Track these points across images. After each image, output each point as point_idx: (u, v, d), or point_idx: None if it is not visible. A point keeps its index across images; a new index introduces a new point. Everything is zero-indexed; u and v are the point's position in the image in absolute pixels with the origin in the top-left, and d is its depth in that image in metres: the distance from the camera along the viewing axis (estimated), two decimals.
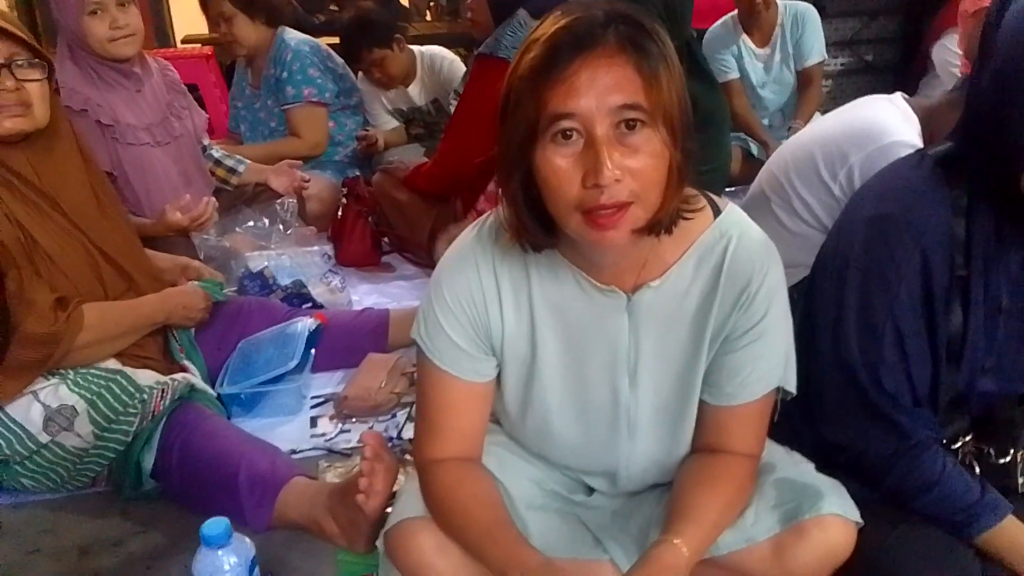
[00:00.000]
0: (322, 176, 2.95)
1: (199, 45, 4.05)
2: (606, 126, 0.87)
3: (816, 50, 3.24)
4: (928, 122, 1.58)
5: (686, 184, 0.95)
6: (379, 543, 1.10)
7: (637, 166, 0.88)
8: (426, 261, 2.56)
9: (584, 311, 1.04)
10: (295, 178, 2.66)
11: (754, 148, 3.23)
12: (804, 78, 3.27)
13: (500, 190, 0.97)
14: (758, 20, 3.19)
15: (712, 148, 2.21)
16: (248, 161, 2.67)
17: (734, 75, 3.26)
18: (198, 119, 2.49)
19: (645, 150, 0.88)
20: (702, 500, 1.00)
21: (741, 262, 1.01)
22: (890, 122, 1.59)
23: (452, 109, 2.64)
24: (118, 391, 1.56)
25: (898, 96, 1.67)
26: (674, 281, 1.02)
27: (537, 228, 0.96)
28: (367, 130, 3.16)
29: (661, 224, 0.95)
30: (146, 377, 1.61)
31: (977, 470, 1.16)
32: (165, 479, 1.57)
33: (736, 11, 3.26)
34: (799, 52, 3.23)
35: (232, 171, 2.62)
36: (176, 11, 4.51)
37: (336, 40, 3.27)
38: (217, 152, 2.63)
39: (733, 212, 1.05)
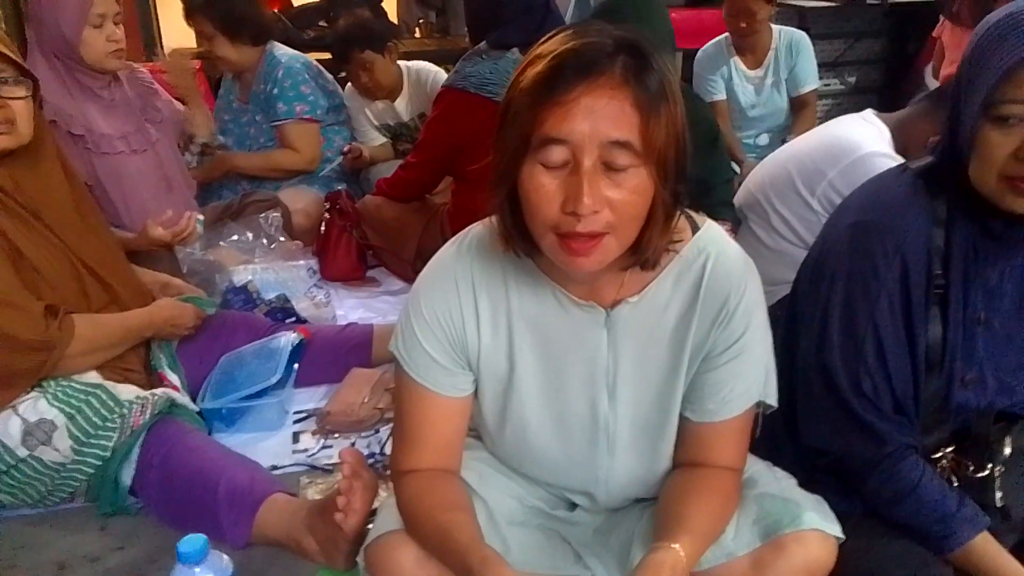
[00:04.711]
0: (309, 191, 2.95)
1: None
2: (594, 157, 0.87)
3: (811, 77, 3.27)
4: (899, 132, 1.62)
5: (673, 223, 0.96)
6: (359, 559, 1.09)
7: (618, 199, 0.89)
8: (412, 277, 2.57)
9: (563, 326, 1.05)
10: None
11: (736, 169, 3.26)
12: (799, 103, 3.30)
13: (490, 196, 0.98)
14: (750, 42, 3.21)
15: (724, 161, 2.28)
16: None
17: (720, 96, 3.29)
18: (175, 112, 2.46)
19: (629, 185, 0.89)
20: (692, 510, 1.00)
21: (719, 279, 1.02)
22: (861, 135, 1.63)
23: None
24: (97, 405, 1.55)
25: (868, 112, 1.71)
26: (652, 297, 1.03)
27: (520, 238, 0.97)
28: (351, 144, 3.16)
29: (646, 260, 0.96)
30: (126, 392, 1.60)
31: (956, 483, 1.17)
32: (144, 495, 1.55)
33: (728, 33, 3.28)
34: (794, 79, 3.25)
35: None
36: (165, 24, 4.51)
37: (326, 56, 3.28)
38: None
39: (711, 229, 1.06)
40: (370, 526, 1.14)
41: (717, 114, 3.23)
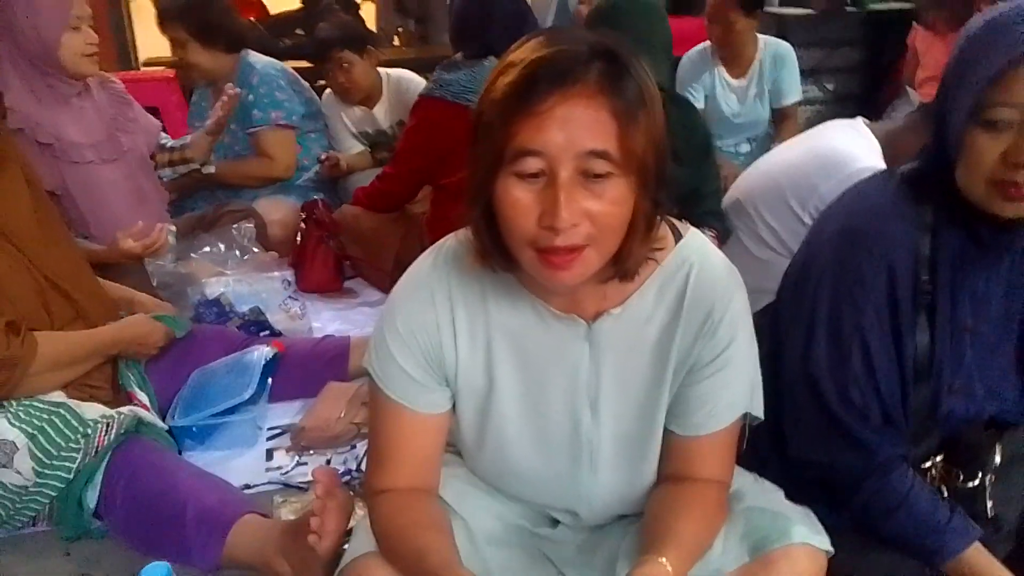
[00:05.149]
0: (286, 201, 2.90)
1: (162, 68, 4.00)
2: (571, 169, 0.84)
3: (794, 90, 3.25)
4: (889, 145, 1.60)
5: (654, 232, 0.93)
6: None
7: (597, 210, 0.85)
8: (391, 288, 2.53)
9: (543, 340, 1.01)
10: None
11: None
12: (780, 115, 3.28)
13: (466, 212, 0.94)
14: (732, 51, 3.18)
15: (714, 170, 2.25)
16: (188, 137, 2.60)
17: (698, 106, 3.27)
18: (150, 125, 2.44)
19: (608, 196, 0.85)
20: (678, 524, 0.97)
21: (703, 290, 0.99)
22: (854, 149, 1.60)
23: None
24: (61, 425, 1.49)
25: (859, 121, 1.69)
26: (635, 309, 1.00)
27: (498, 254, 0.94)
28: (328, 153, 3.12)
29: (626, 272, 0.93)
30: (91, 410, 1.54)
31: (945, 494, 1.15)
32: (110, 518, 1.50)
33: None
34: (777, 91, 3.22)
35: (184, 147, 2.55)
36: (139, 34, 4.45)
37: (303, 64, 3.24)
38: (169, 141, 2.56)
39: (695, 238, 1.03)
40: (345, 547, 1.10)
41: None
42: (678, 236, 1.02)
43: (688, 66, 3.29)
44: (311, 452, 1.80)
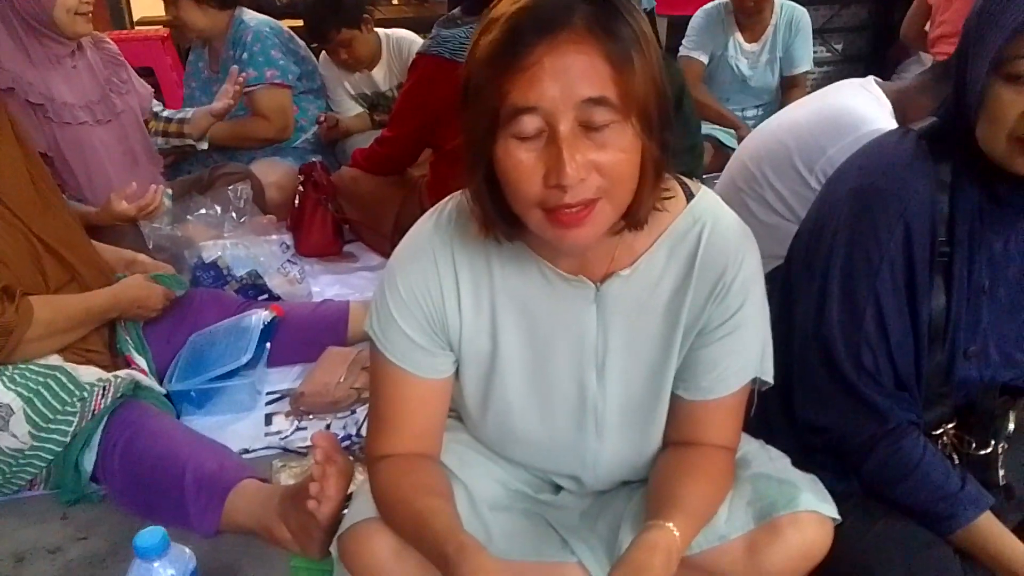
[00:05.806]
0: (283, 163, 2.86)
1: (156, 27, 3.92)
2: (570, 121, 0.80)
3: (806, 59, 3.19)
4: (900, 105, 1.55)
5: (664, 176, 0.89)
6: (333, 548, 1.04)
7: (605, 161, 0.81)
8: (391, 252, 2.51)
9: (549, 303, 0.98)
10: None
11: (724, 138, 3.17)
12: (789, 83, 3.22)
13: (466, 181, 0.91)
14: (756, 17, 3.11)
15: (690, 124, 2.17)
16: (191, 110, 2.57)
17: (697, 56, 3.19)
18: (142, 91, 2.41)
19: (615, 145, 0.81)
20: (685, 490, 0.95)
21: (715, 250, 0.95)
22: (865, 110, 1.55)
23: None
24: (57, 388, 1.48)
25: (870, 80, 1.63)
26: (645, 270, 0.97)
27: (502, 221, 0.90)
28: (327, 114, 3.07)
29: (637, 221, 0.89)
30: (88, 374, 1.53)
31: (957, 461, 1.13)
32: (107, 482, 1.49)
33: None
34: (789, 58, 3.15)
35: (183, 122, 2.52)
36: None
37: (298, 23, 3.17)
38: (166, 111, 2.53)
39: (706, 197, 0.99)
40: (345, 512, 1.08)
41: (688, 74, 3.11)
42: (689, 195, 0.98)
43: (701, 23, 3.20)
44: (310, 417, 1.79)
